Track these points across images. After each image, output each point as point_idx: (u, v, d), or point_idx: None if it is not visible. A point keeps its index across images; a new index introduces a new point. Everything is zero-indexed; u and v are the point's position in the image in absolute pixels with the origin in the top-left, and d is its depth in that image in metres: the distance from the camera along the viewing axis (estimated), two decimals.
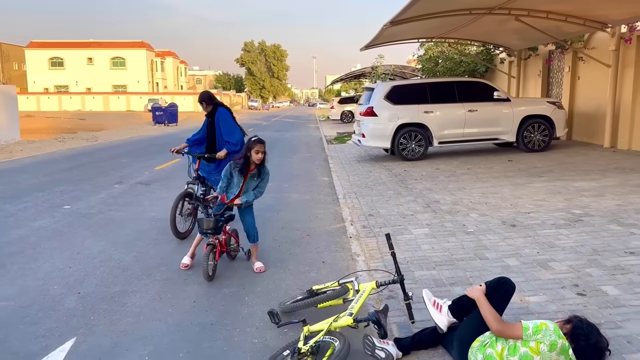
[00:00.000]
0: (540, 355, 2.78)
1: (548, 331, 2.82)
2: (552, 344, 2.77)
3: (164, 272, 5.06)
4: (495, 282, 3.29)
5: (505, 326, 2.98)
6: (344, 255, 5.65)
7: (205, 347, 3.56)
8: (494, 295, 3.19)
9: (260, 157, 4.90)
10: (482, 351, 2.97)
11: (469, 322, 3.18)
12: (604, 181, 8.65)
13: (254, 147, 4.87)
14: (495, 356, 2.90)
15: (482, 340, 3.03)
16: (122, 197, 8.84)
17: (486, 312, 3.07)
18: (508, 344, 2.91)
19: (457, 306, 3.33)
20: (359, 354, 3.39)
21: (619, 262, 4.76)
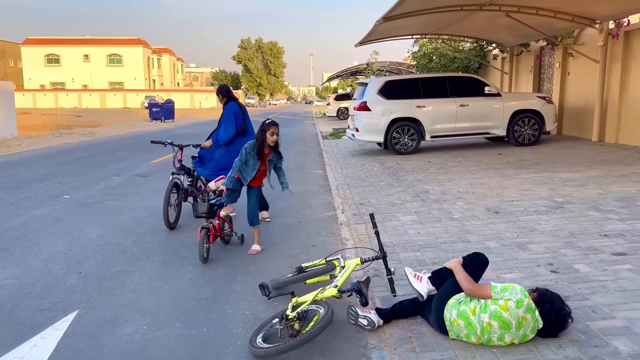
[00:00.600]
0: (509, 311, 3.06)
1: (515, 290, 3.12)
2: (519, 301, 3.06)
3: (161, 255, 5.31)
4: (471, 255, 3.57)
5: (476, 286, 3.28)
6: (333, 240, 5.89)
7: (200, 317, 3.80)
8: (469, 265, 3.47)
9: (275, 139, 5.07)
10: (456, 307, 3.25)
11: (446, 286, 3.45)
12: (589, 172, 8.92)
13: (269, 129, 5.04)
14: (469, 312, 3.18)
15: (457, 298, 3.32)
16: (120, 188, 9.08)
17: (460, 276, 3.36)
18: (480, 302, 3.20)
19: (436, 276, 3.59)
20: (345, 324, 3.65)
21: (593, 243, 5.02)
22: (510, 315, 3.06)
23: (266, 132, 5.04)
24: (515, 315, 3.05)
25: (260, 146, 5.13)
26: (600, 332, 3.26)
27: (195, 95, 67.26)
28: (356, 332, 3.56)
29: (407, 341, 3.36)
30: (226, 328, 3.63)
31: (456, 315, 3.23)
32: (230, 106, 6.78)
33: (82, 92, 65.53)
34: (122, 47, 71.80)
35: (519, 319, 3.06)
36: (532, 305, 3.09)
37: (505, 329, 3.08)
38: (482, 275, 3.54)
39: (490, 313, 3.10)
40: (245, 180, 5.27)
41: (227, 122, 6.70)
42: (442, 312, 3.32)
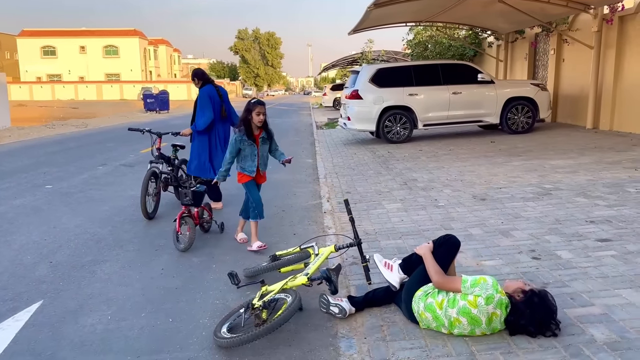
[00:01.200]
0: (478, 308, 2.91)
1: (485, 285, 2.95)
2: (489, 298, 2.90)
3: (136, 244, 5.19)
4: (441, 238, 3.42)
5: (446, 279, 3.13)
6: (315, 228, 5.78)
7: (167, 307, 3.69)
8: (439, 250, 3.32)
9: (261, 118, 4.72)
10: (423, 300, 3.11)
11: (414, 275, 3.32)
12: (581, 159, 8.80)
13: (255, 108, 4.70)
14: (435, 306, 3.05)
15: (425, 290, 3.18)
16: (104, 177, 8.95)
17: (429, 266, 3.21)
18: (448, 296, 3.05)
19: (407, 263, 3.46)
20: (316, 312, 3.54)
21: (578, 230, 4.91)
22: (480, 312, 2.91)
23: (252, 111, 4.71)
24: (485, 312, 2.91)
25: (248, 127, 4.78)
26: (577, 319, 3.15)
27: (192, 87, 66.75)
28: (327, 321, 3.45)
29: (378, 330, 3.24)
30: (193, 318, 3.52)
31: (423, 308, 3.10)
32: (205, 89, 6.47)
33: (79, 84, 65.13)
34: (118, 38, 71.30)
35: (488, 314, 2.92)
36: (504, 300, 2.93)
37: (475, 324, 2.95)
38: (453, 259, 3.40)
39: (459, 309, 2.95)
40: (253, 172, 4.88)
41: (203, 106, 6.41)
42: (410, 303, 3.20)
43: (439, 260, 3.25)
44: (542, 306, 2.91)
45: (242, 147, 4.81)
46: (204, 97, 6.46)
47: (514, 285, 3.05)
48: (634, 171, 7.50)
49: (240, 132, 4.78)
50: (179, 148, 7.03)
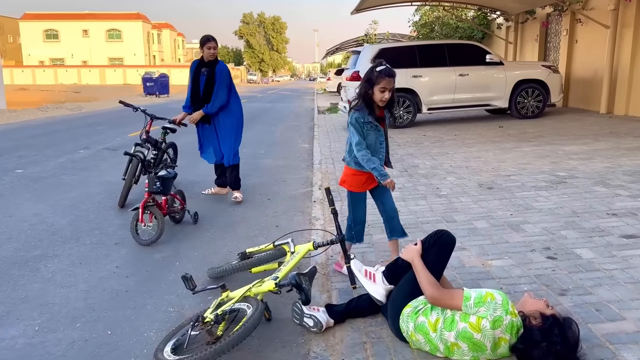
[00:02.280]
0: (482, 332, 2.29)
1: (493, 304, 2.31)
2: (496, 320, 2.27)
3: (96, 236, 4.59)
4: (431, 236, 2.78)
5: (443, 293, 2.49)
6: (301, 219, 5.17)
7: (110, 315, 3.09)
8: (430, 252, 2.69)
9: (387, 97, 3.21)
10: (413, 319, 2.49)
11: (402, 286, 2.69)
12: (596, 145, 8.12)
13: (380, 81, 3.17)
14: (428, 327, 2.43)
15: (415, 305, 2.54)
16: (82, 161, 8.35)
17: (421, 276, 2.57)
18: (445, 315, 2.42)
19: (391, 271, 2.82)
20: (288, 325, 2.97)
21: (599, 223, 4.27)
22: (484, 337, 2.29)
23: (375, 86, 3.21)
24: (491, 337, 2.29)
25: (369, 105, 3.30)
26: (605, 338, 2.53)
27: None
28: (299, 336, 2.85)
29: (360, 348, 2.64)
30: (137, 330, 2.92)
31: (413, 329, 2.48)
32: (227, 68, 5.69)
33: (82, 68, 64.36)
34: (122, 22, 70.36)
35: (495, 340, 2.30)
36: (516, 323, 2.29)
37: (478, 350, 2.34)
38: (449, 260, 2.77)
39: (458, 333, 2.33)
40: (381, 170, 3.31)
41: (225, 85, 5.59)
42: (397, 321, 2.58)
43: (430, 266, 2.61)
44: (563, 340, 2.24)
45: (367, 131, 3.34)
46: (229, 77, 5.68)
47: (533, 305, 2.41)
48: None
49: (360, 111, 3.31)
50: (169, 131, 6.45)
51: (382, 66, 3.23)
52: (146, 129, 5.93)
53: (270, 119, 17.04)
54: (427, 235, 2.82)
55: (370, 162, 3.27)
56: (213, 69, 5.54)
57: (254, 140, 11.23)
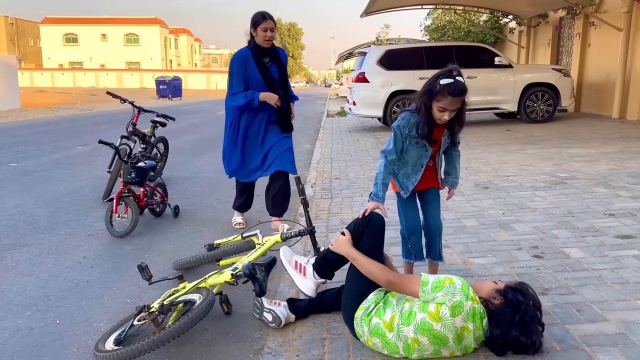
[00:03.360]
0: (442, 322, 2.08)
1: (452, 288, 2.11)
2: (456, 307, 2.07)
3: (72, 227, 4.48)
4: (359, 224, 2.52)
5: (399, 276, 2.30)
6: (287, 215, 4.99)
7: (64, 305, 2.96)
8: (362, 240, 2.47)
9: (445, 118, 2.54)
10: (366, 321, 2.28)
11: (348, 288, 2.45)
12: (604, 148, 7.85)
13: (441, 99, 2.47)
14: (384, 327, 2.21)
15: (366, 307, 2.32)
16: (78, 157, 8.30)
17: (365, 265, 2.34)
18: (401, 309, 2.21)
19: (321, 265, 2.60)
20: (248, 319, 2.81)
21: (594, 223, 4.03)
22: (445, 327, 2.08)
23: (434, 101, 2.50)
24: (452, 327, 2.08)
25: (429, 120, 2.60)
26: (582, 340, 2.32)
27: (212, 76, 66.49)
28: (256, 330, 2.68)
29: (318, 344, 2.46)
30: (87, 320, 2.78)
31: (368, 333, 2.27)
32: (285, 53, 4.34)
33: (100, 72, 65.23)
34: (139, 26, 71.23)
35: (457, 330, 2.09)
36: (478, 310, 2.09)
37: (440, 344, 2.13)
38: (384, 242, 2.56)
39: (416, 325, 2.11)
40: (408, 189, 2.80)
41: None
42: (352, 325, 2.38)
43: (368, 253, 2.40)
44: (533, 303, 2.14)
45: (409, 145, 2.71)
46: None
47: (484, 287, 2.23)
48: None
49: (409, 119, 2.67)
50: (159, 125, 6.38)
51: (448, 79, 2.44)
52: (133, 122, 5.84)
53: None
54: (352, 222, 2.58)
55: (378, 176, 2.67)
56: (277, 56, 4.10)
57: None
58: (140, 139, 5.95)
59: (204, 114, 19.32)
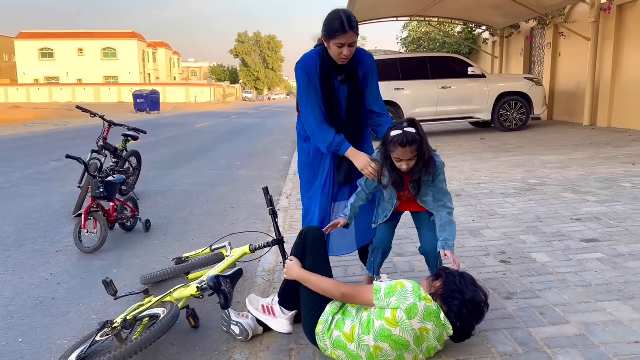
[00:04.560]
0: (400, 326, 2.10)
1: (404, 292, 2.14)
2: (411, 309, 2.09)
3: (40, 244, 4.41)
4: (298, 244, 2.55)
5: (352, 288, 2.32)
6: (260, 227, 4.99)
7: (27, 323, 2.90)
8: (307, 259, 2.48)
9: (404, 168, 2.55)
10: (328, 335, 2.27)
11: (304, 307, 2.43)
12: (574, 155, 8.01)
13: (394, 150, 2.51)
14: (344, 340, 2.22)
15: (325, 320, 2.32)
16: (50, 173, 8.18)
17: (319, 284, 2.34)
18: (360, 319, 2.22)
19: (285, 298, 2.58)
20: (216, 332, 2.80)
21: (561, 228, 4.11)
22: (403, 331, 2.10)
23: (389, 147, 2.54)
24: (410, 330, 2.10)
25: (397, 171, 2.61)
26: (544, 342, 2.36)
27: (191, 89, 66.24)
28: (224, 344, 2.67)
29: (285, 355, 2.46)
30: (51, 338, 2.73)
31: (331, 346, 2.27)
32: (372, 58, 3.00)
33: (77, 87, 64.49)
34: (117, 40, 70.70)
35: (416, 332, 2.11)
36: (433, 309, 2.13)
37: (401, 349, 2.15)
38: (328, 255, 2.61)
39: (376, 333, 2.13)
40: (385, 217, 2.81)
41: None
42: (316, 344, 2.37)
43: (317, 270, 2.42)
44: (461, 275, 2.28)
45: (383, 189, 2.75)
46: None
47: (424, 285, 2.28)
48: (632, 166, 6.70)
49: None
50: (131, 139, 6.34)
51: (397, 130, 2.47)
52: (103, 136, 5.80)
53: (256, 133, 16.95)
54: (293, 245, 2.60)
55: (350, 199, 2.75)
56: (355, 72, 2.80)
57: (232, 153, 11.11)
58: (111, 153, 5.91)
59: (182, 127, 19.23)
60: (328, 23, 2.60)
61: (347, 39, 2.55)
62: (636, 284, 2.94)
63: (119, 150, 6.05)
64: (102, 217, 4.19)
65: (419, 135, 2.51)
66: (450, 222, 2.66)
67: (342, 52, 2.60)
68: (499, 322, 2.60)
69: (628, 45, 11.02)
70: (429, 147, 2.59)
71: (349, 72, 2.77)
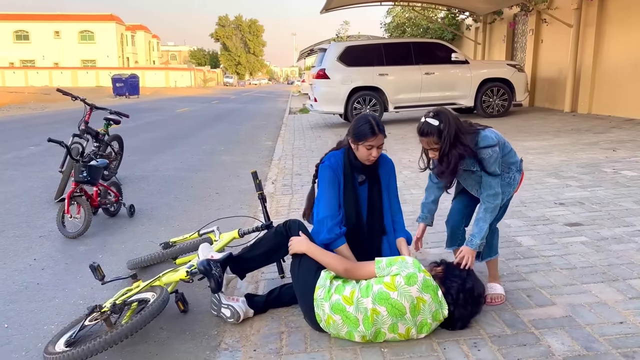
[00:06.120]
0: (398, 290, 2.20)
1: (404, 263, 2.28)
2: (410, 277, 2.21)
3: (22, 229, 4.33)
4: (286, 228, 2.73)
5: (354, 264, 2.44)
6: (245, 212, 4.97)
7: (12, 308, 2.86)
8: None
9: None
10: (327, 298, 2.34)
11: (302, 275, 2.50)
12: (556, 141, 8.11)
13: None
14: (344, 302, 2.29)
15: (322, 284, 2.39)
16: (30, 157, 8.03)
17: (323, 258, 2.47)
18: (359, 285, 2.32)
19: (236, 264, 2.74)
20: (205, 316, 2.78)
21: (545, 212, 4.17)
22: (401, 296, 2.19)
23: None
24: (408, 296, 2.19)
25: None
26: (532, 323, 2.40)
27: (170, 74, 65.26)
28: (213, 327, 2.66)
29: (275, 338, 2.46)
30: (38, 324, 2.70)
31: (329, 310, 2.32)
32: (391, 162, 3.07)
33: (53, 70, 62.97)
34: (94, 23, 69.07)
35: (413, 300, 2.20)
36: (432, 283, 2.24)
37: (397, 315, 2.21)
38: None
39: (374, 296, 2.22)
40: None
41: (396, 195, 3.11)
42: (312, 312, 2.40)
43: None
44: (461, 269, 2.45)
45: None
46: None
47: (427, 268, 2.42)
48: (612, 152, 6.81)
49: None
50: (113, 123, 6.23)
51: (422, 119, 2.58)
52: (85, 119, 5.69)
53: (238, 118, 16.81)
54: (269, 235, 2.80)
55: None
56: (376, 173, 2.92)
57: (215, 138, 11.01)
58: (93, 137, 5.81)
59: (162, 112, 18.98)
60: (357, 127, 2.75)
61: (376, 141, 2.71)
62: (619, 266, 3.00)
63: (100, 134, 5.95)
64: (85, 202, 4.13)
65: (438, 128, 2.49)
66: (484, 219, 2.61)
67: (371, 153, 2.73)
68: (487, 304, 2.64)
69: (609, 32, 11.14)
70: (453, 139, 2.51)
71: (369, 173, 2.88)
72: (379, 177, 2.92)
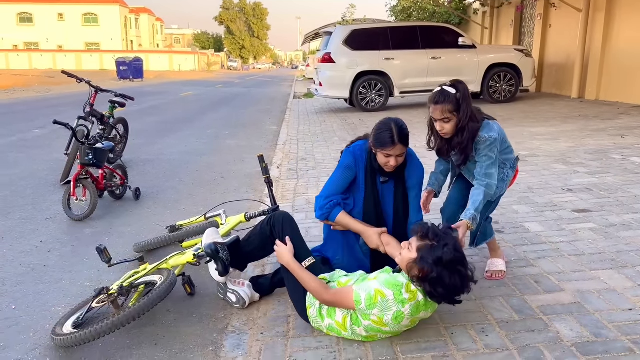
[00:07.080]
0: (389, 326, 2.13)
1: (385, 302, 2.08)
2: (397, 316, 2.09)
3: (28, 211, 4.33)
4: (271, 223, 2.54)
5: (334, 296, 2.21)
6: (251, 196, 4.96)
7: (20, 290, 2.87)
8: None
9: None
10: (321, 319, 2.29)
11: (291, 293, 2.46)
12: (563, 127, 8.04)
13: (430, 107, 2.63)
14: (338, 327, 2.24)
15: (312, 304, 2.32)
16: (35, 140, 8.02)
17: (304, 281, 2.29)
18: (350, 312, 2.21)
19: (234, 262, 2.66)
20: (212, 300, 2.78)
21: (553, 198, 4.14)
22: (393, 328, 2.14)
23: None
24: (400, 326, 2.16)
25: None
26: (540, 310, 2.39)
27: (174, 57, 64.99)
28: (220, 310, 2.66)
29: (282, 322, 2.46)
30: (45, 305, 2.70)
31: (326, 328, 2.30)
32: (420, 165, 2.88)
33: (57, 53, 62.78)
34: (98, 5, 68.63)
35: (407, 325, 2.18)
36: (421, 300, 2.11)
37: (395, 333, 2.23)
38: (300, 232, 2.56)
39: (366, 328, 2.16)
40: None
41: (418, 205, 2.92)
42: (308, 320, 2.37)
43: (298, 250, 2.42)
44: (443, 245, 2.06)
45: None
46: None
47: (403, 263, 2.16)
48: (620, 138, 6.75)
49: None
50: (118, 105, 6.21)
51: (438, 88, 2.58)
52: (90, 102, 5.66)
53: (243, 102, 16.74)
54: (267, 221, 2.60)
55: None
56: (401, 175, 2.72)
57: (219, 122, 10.97)
58: (98, 119, 5.79)
59: (166, 96, 18.92)
60: (378, 133, 2.54)
61: (395, 151, 2.49)
62: (628, 253, 2.98)
63: (105, 117, 5.93)
64: (91, 185, 4.12)
65: (455, 97, 2.45)
66: (477, 194, 2.56)
67: (389, 162, 2.53)
68: (495, 290, 2.63)
69: (619, 17, 10.98)
70: (471, 114, 2.51)
71: (395, 174, 2.67)
72: (405, 178, 2.70)
